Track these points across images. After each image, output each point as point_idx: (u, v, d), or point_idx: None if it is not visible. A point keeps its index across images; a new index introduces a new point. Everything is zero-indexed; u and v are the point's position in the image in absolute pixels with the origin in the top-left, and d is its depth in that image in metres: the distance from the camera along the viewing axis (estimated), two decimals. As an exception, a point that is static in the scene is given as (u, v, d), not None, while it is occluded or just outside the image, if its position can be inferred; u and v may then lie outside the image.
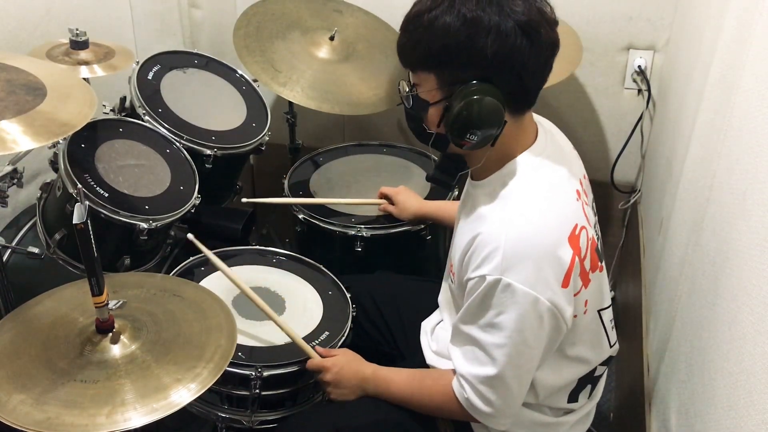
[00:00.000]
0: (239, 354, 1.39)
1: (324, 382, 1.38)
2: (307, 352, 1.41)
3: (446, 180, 1.29)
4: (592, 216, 1.28)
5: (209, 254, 1.51)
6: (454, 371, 1.25)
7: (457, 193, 1.91)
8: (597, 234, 1.29)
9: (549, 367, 1.24)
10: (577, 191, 1.23)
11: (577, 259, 1.14)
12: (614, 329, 1.34)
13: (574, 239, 1.15)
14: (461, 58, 1.11)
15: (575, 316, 1.20)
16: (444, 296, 1.44)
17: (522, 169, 1.19)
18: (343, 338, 1.47)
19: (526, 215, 1.14)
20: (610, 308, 1.31)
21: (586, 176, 1.32)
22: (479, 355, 1.18)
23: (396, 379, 1.36)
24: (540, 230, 1.13)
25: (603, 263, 1.27)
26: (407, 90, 1.20)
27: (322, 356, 1.41)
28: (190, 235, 1.52)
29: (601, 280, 1.25)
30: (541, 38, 1.11)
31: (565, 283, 1.13)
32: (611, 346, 1.32)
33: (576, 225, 1.16)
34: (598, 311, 1.27)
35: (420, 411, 1.33)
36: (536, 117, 1.28)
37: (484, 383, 1.18)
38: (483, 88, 1.11)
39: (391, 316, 1.60)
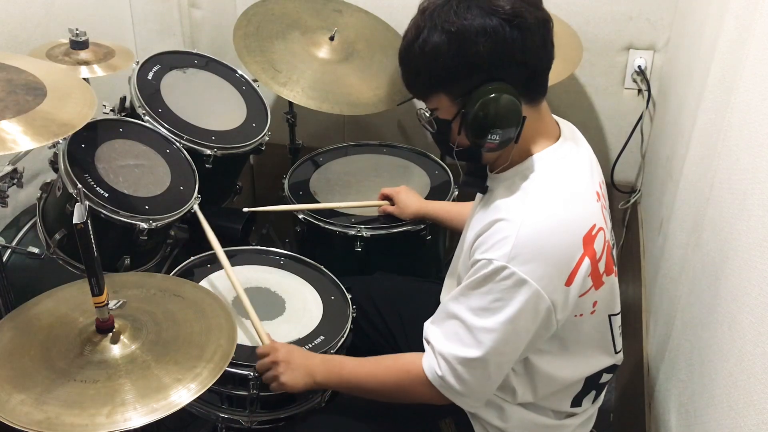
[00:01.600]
0: (238, 354, 1.38)
1: (274, 363, 1.34)
2: (261, 338, 1.41)
3: (479, 183, 1.27)
4: (609, 222, 1.28)
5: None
6: (426, 351, 1.24)
7: (457, 193, 1.91)
8: (612, 239, 1.29)
9: (550, 363, 1.24)
10: (597, 193, 1.23)
11: (587, 259, 1.14)
12: (621, 336, 1.33)
13: (589, 239, 1.14)
14: (462, 71, 1.12)
15: (580, 315, 1.20)
16: (447, 295, 1.44)
17: (544, 165, 1.19)
18: (343, 339, 1.47)
19: (544, 210, 1.14)
20: (620, 315, 1.31)
21: (604, 182, 1.32)
22: (464, 336, 1.16)
23: (348, 361, 1.35)
24: (555, 227, 1.13)
25: (617, 269, 1.26)
26: (427, 116, 1.21)
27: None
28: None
29: (614, 284, 1.25)
30: (528, 23, 1.11)
31: (569, 282, 1.13)
32: (616, 353, 1.32)
33: (594, 225, 1.16)
34: (609, 316, 1.27)
35: (373, 394, 1.31)
36: (559, 120, 1.28)
37: (463, 364, 1.17)
38: (494, 87, 1.11)
39: (392, 316, 1.60)
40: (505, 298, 1.12)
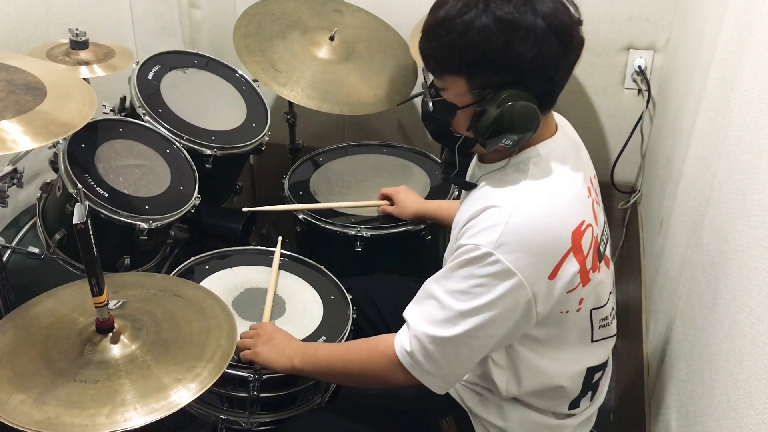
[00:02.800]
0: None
1: (257, 335, 1.37)
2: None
3: (466, 182, 1.27)
4: (602, 216, 1.27)
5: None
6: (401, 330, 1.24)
7: (457, 192, 1.91)
8: (606, 235, 1.29)
9: (534, 353, 1.23)
10: (588, 189, 1.23)
11: (573, 255, 1.14)
12: (604, 328, 1.31)
13: (577, 234, 1.14)
14: (497, 64, 1.09)
15: (566, 312, 1.20)
16: None
17: (539, 159, 1.18)
18: (343, 340, 1.47)
19: (536, 201, 1.13)
20: (605, 308, 1.29)
21: (596, 177, 1.32)
22: (439, 316, 1.16)
23: (324, 345, 1.38)
24: (545, 219, 1.12)
25: (604, 263, 1.26)
26: (430, 93, 1.18)
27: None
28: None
29: (599, 280, 1.25)
30: (573, 42, 1.11)
31: (553, 275, 1.13)
32: (593, 342, 1.30)
33: (583, 221, 1.16)
34: (591, 310, 1.26)
35: (344, 377, 1.31)
36: (555, 115, 1.28)
37: (434, 343, 1.16)
38: (518, 94, 1.10)
39: (392, 317, 1.59)
40: (486, 284, 1.11)
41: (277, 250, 1.67)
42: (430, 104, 1.18)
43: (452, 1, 1.10)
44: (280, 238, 1.72)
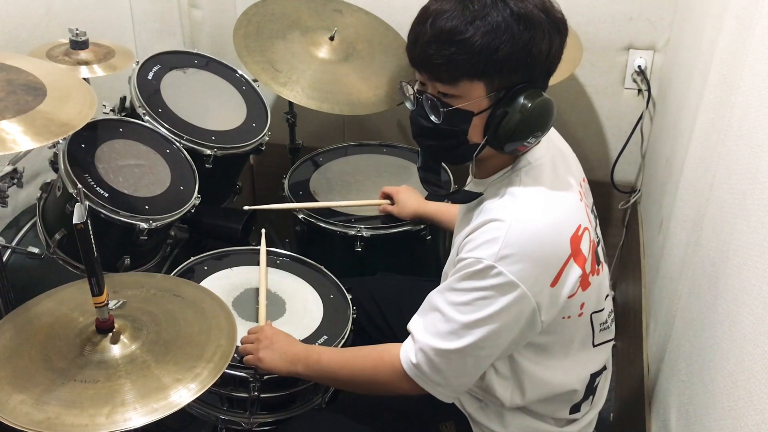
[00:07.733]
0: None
1: (257, 340, 1.36)
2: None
3: (472, 195, 1.25)
4: (593, 219, 1.28)
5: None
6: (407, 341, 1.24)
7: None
8: (598, 236, 1.29)
9: (538, 365, 1.23)
10: (580, 192, 1.23)
11: (573, 261, 1.14)
12: (604, 331, 1.31)
13: (576, 240, 1.14)
14: (518, 62, 1.08)
15: (568, 317, 1.20)
16: None
17: (530, 167, 1.18)
18: (344, 340, 1.47)
19: (533, 211, 1.13)
20: (604, 311, 1.30)
21: (585, 179, 1.32)
22: (444, 329, 1.15)
23: (328, 350, 1.37)
24: (544, 228, 1.12)
25: (601, 266, 1.26)
26: (439, 105, 1.12)
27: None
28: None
29: (600, 283, 1.25)
30: (566, 36, 1.13)
31: (554, 282, 1.13)
32: (594, 346, 1.30)
33: (579, 226, 1.16)
34: (591, 314, 1.26)
35: (349, 384, 1.31)
36: None
37: (440, 355, 1.16)
38: (534, 91, 1.11)
39: (394, 317, 1.59)
40: (489, 296, 1.11)
41: (263, 248, 1.65)
42: (440, 117, 1.13)
43: (467, 3, 1.06)
44: (263, 230, 1.70)
